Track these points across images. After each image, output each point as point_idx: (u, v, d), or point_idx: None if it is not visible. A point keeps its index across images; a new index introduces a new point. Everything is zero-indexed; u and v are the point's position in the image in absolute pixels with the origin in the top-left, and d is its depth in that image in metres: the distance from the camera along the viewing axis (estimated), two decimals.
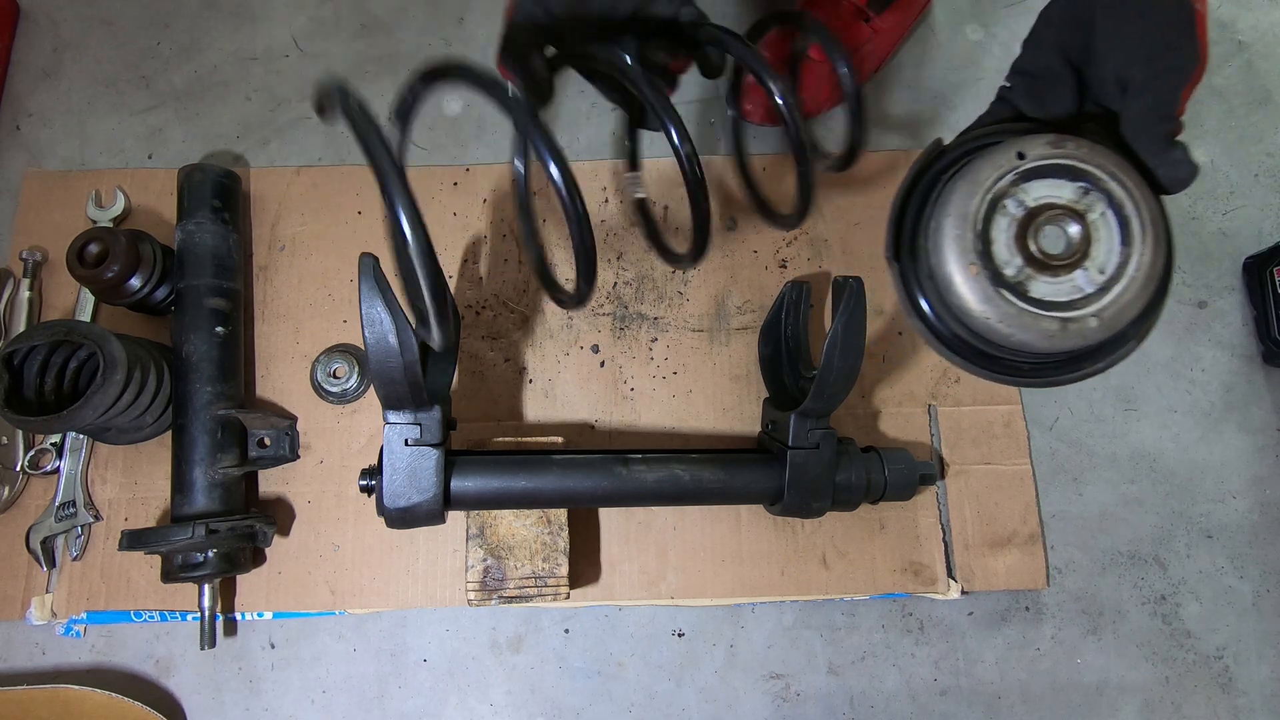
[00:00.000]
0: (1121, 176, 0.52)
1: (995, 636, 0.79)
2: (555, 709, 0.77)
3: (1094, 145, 0.53)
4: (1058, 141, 0.53)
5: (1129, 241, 0.52)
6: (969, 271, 0.52)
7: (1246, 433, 0.85)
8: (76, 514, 0.76)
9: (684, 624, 0.79)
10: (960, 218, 0.53)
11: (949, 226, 0.53)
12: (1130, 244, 0.52)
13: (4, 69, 0.92)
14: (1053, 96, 0.57)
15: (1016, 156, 0.53)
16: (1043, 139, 0.53)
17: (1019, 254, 0.53)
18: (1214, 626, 0.80)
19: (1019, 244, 0.53)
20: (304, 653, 0.77)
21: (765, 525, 0.79)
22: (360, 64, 0.93)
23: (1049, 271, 0.53)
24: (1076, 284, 0.53)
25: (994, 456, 0.82)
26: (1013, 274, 0.53)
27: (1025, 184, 0.54)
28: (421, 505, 0.63)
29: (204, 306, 0.76)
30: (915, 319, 0.58)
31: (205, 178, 0.79)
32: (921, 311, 0.58)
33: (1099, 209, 0.53)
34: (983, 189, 0.53)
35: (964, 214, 0.53)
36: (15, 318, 0.81)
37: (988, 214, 0.53)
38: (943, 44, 0.96)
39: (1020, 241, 0.53)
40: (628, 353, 0.84)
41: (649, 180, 0.89)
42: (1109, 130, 0.55)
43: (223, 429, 0.74)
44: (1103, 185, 0.53)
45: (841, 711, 0.77)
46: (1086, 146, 0.53)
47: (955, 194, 0.54)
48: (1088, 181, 0.53)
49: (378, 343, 0.58)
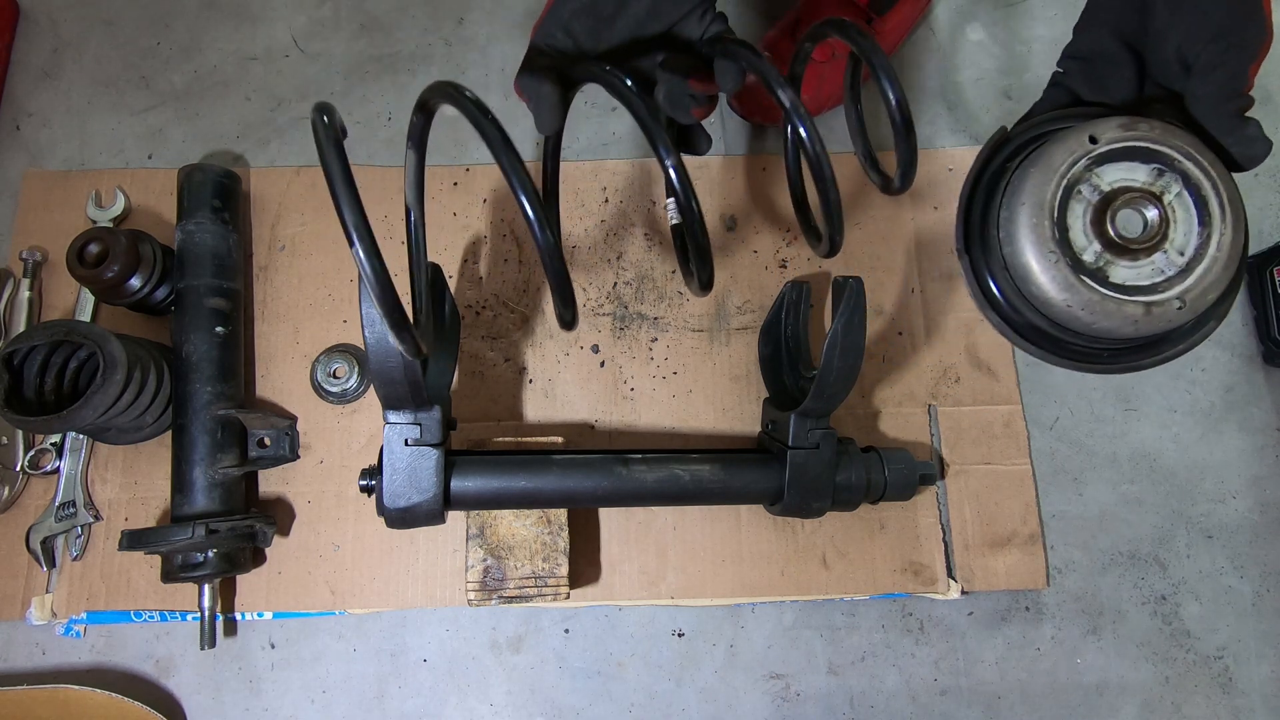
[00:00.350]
0: (1197, 156, 0.52)
1: (995, 636, 0.79)
2: (555, 709, 0.77)
3: (1166, 126, 0.52)
4: (1130, 124, 0.52)
5: (1207, 221, 0.52)
6: (1048, 260, 0.51)
7: (1246, 433, 0.85)
8: (76, 514, 0.76)
9: (684, 624, 0.79)
10: (1036, 206, 0.52)
11: (1024, 215, 0.52)
12: (1209, 224, 0.52)
13: (4, 69, 0.92)
14: (1113, 79, 0.56)
15: (1089, 141, 0.52)
16: (1114, 122, 0.52)
17: (1097, 239, 0.52)
18: (1214, 626, 0.80)
19: (1096, 229, 0.52)
20: (304, 653, 0.77)
21: (765, 525, 0.79)
22: (360, 64, 0.93)
23: (1128, 255, 0.52)
24: (1157, 267, 0.52)
25: (994, 456, 0.82)
26: (1092, 260, 0.52)
27: (1099, 168, 0.53)
28: (421, 505, 0.63)
29: (204, 306, 0.76)
30: (989, 311, 0.57)
31: (205, 178, 0.79)
32: (996, 303, 0.57)
33: (1175, 190, 0.52)
34: (1057, 175, 0.52)
35: (1039, 202, 0.52)
36: (15, 318, 0.81)
37: (1063, 200, 0.52)
38: (943, 44, 0.96)
39: (1097, 226, 0.52)
40: (628, 353, 0.84)
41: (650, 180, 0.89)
42: (1177, 111, 0.55)
43: (223, 429, 0.74)
44: (1178, 166, 0.52)
45: (841, 711, 0.77)
46: (1159, 127, 0.52)
47: (1028, 182, 0.53)
48: (1161, 163, 0.52)
49: (378, 343, 0.58)
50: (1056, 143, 0.53)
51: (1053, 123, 0.58)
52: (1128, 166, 0.53)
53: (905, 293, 0.86)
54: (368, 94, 0.92)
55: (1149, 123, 0.53)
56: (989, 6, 0.98)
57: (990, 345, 0.84)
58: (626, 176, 0.89)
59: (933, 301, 0.85)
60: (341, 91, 0.92)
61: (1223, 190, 0.52)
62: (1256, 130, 0.52)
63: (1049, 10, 0.97)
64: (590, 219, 0.88)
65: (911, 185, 0.61)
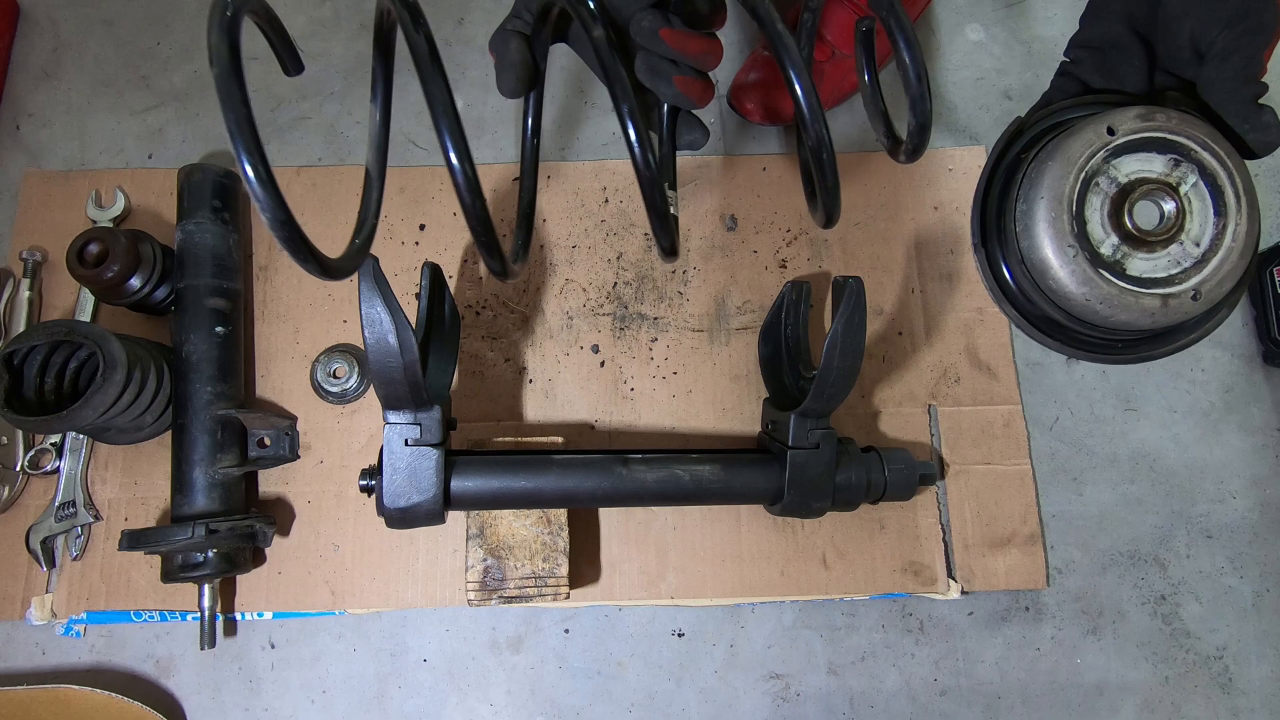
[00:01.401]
0: (1213, 145, 0.51)
1: (995, 636, 0.79)
2: (555, 709, 0.77)
3: (1183, 115, 0.52)
4: (1148, 114, 0.52)
5: (1223, 211, 0.51)
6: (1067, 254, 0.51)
7: (1246, 433, 0.85)
8: (76, 514, 0.76)
9: (684, 624, 0.79)
10: (1054, 199, 0.51)
11: (1042, 209, 0.52)
12: (1225, 214, 0.51)
13: (4, 69, 0.92)
14: (1124, 68, 0.56)
15: (1107, 132, 0.52)
16: (1131, 112, 0.52)
17: (1114, 231, 0.52)
18: (1214, 626, 0.80)
19: (1113, 221, 0.52)
20: (304, 653, 0.77)
21: (765, 525, 0.79)
22: (360, 64, 0.93)
23: (1145, 248, 0.52)
24: (1173, 258, 0.52)
25: (994, 456, 0.82)
26: (1109, 253, 0.52)
27: (1116, 160, 0.52)
28: (421, 505, 0.63)
29: (204, 306, 0.76)
30: (1005, 304, 0.57)
31: (205, 178, 0.79)
32: (1012, 295, 0.56)
33: (1191, 180, 0.52)
34: (1075, 167, 0.52)
35: (1058, 195, 0.51)
36: (15, 318, 0.81)
37: (1081, 193, 0.52)
38: (943, 44, 0.96)
39: (1115, 219, 0.52)
40: (628, 353, 0.84)
41: None
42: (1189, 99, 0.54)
43: (223, 429, 0.74)
44: (1194, 156, 0.52)
45: (841, 711, 0.77)
46: (1176, 117, 0.52)
47: (1046, 175, 0.52)
48: (1178, 153, 0.52)
49: (378, 343, 0.58)
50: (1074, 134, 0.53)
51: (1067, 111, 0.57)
52: (1144, 157, 0.53)
53: (905, 293, 0.86)
54: (368, 94, 0.92)
55: (1166, 112, 0.52)
56: (989, 6, 0.98)
57: (990, 345, 0.84)
58: (627, 176, 0.89)
59: (933, 301, 0.85)
60: (341, 91, 0.92)
61: (1238, 180, 0.51)
62: (1272, 117, 0.52)
63: (1049, 10, 0.97)
64: (590, 219, 0.88)
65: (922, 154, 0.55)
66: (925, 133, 0.53)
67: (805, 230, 0.87)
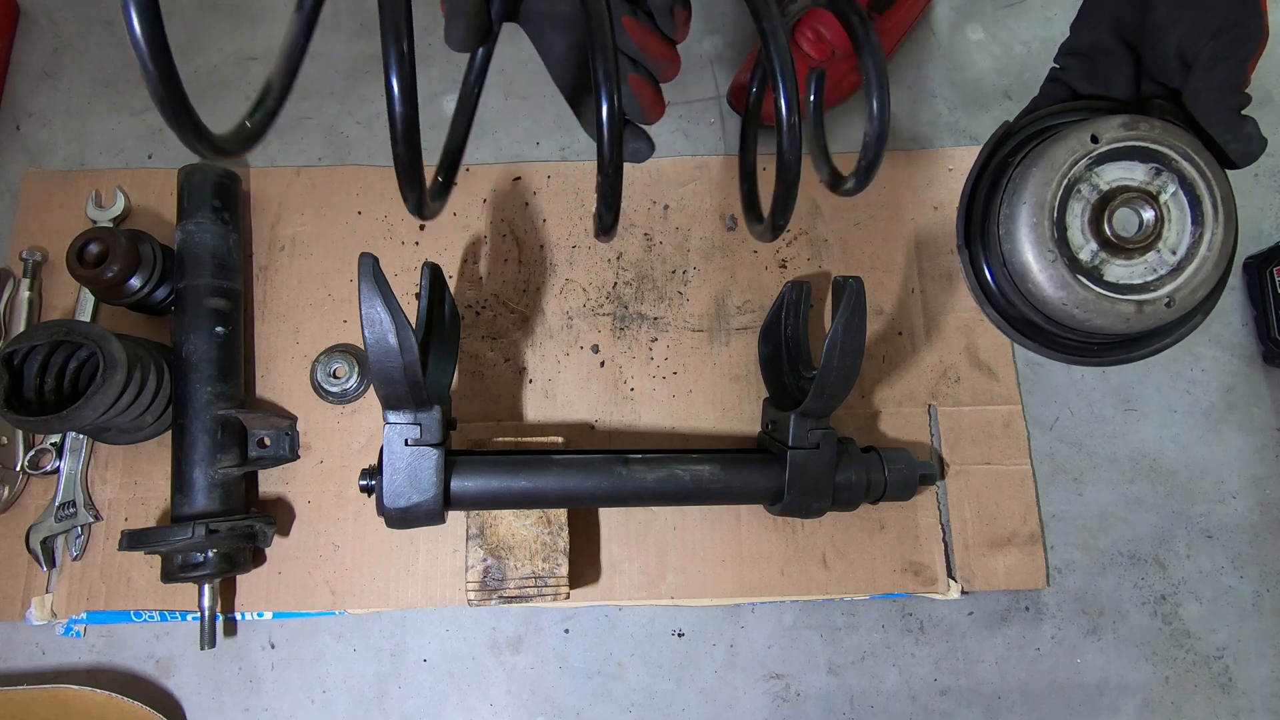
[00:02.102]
0: (1194, 156, 0.52)
1: (995, 636, 0.79)
2: (555, 709, 0.77)
3: (1166, 125, 0.53)
4: (1131, 123, 0.52)
5: (1200, 221, 0.52)
6: (1046, 259, 0.52)
7: (1246, 433, 0.85)
8: (76, 514, 0.76)
9: (684, 624, 0.79)
10: (1036, 205, 0.52)
11: (1024, 214, 0.53)
12: (1202, 223, 0.52)
13: (4, 69, 0.92)
14: (1112, 76, 0.56)
15: (1090, 140, 0.52)
16: (1115, 121, 0.53)
17: (1093, 238, 0.53)
18: (1214, 626, 0.80)
19: (1093, 228, 0.53)
20: (304, 653, 0.77)
21: (765, 525, 0.79)
22: (360, 64, 0.93)
23: (1123, 254, 0.53)
24: (1149, 265, 0.53)
25: (994, 456, 0.82)
26: (1088, 259, 0.53)
27: (1099, 167, 0.53)
28: (421, 505, 0.63)
29: (204, 306, 0.76)
30: (987, 306, 0.58)
31: (205, 178, 0.79)
32: (993, 297, 0.57)
33: (1170, 189, 0.53)
34: (1058, 174, 0.52)
35: (1040, 201, 0.52)
36: (15, 318, 0.81)
37: (1063, 200, 0.53)
38: (943, 44, 0.96)
39: (1094, 226, 0.53)
40: (628, 353, 0.84)
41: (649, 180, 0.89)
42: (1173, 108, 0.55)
43: (223, 429, 0.74)
44: (1175, 166, 0.52)
45: (841, 711, 0.77)
46: (1160, 127, 0.52)
47: (1030, 180, 0.53)
48: (1159, 162, 0.53)
49: (378, 343, 0.58)
50: (1059, 141, 0.53)
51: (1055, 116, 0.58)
52: (1127, 165, 0.54)
53: (905, 293, 0.86)
54: (368, 94, 0.92)
55: (1149, 122, 0.53)
56: (989, 6, 0.98)
57: (990, 345, 0.84)
58: (627, 177, 0.89)
59: (933, 301, 0.85)
60: (341, 91, 0.92)
61: (1216, 190, 0.52)
62: (1254, 128, 0.52)
63: (1049, 10, 0.97)
64: (590, 219, 0.87)
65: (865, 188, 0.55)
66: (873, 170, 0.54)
67: (805, 230, 0.87)
